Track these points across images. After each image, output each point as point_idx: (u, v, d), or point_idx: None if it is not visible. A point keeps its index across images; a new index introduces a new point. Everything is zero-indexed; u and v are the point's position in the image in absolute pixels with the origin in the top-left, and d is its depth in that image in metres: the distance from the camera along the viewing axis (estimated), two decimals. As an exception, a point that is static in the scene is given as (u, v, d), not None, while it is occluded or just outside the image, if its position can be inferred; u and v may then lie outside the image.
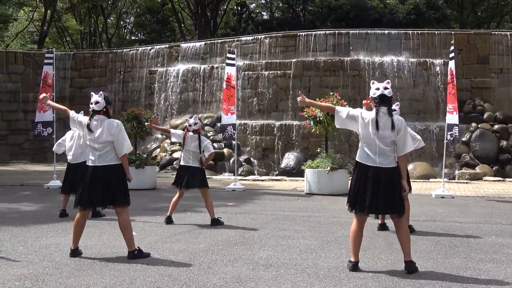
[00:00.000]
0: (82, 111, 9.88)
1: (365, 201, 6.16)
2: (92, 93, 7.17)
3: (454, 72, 14.97)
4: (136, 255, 6.81)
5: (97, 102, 7.00)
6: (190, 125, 9.66)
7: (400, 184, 6.21)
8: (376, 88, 6.32)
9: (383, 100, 6.25)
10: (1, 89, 28.77)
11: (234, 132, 16.29)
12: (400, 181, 6.22)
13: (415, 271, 6.11)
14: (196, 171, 9.56)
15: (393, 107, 8.42)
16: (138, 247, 6.91)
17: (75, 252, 6.94)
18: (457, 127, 14.65)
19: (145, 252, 6.94)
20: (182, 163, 9.71)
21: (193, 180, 9.55)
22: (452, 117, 14.67)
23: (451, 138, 14.76)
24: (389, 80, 6.55)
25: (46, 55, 17.86)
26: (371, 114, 6.25)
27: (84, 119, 7.15)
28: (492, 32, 24.84)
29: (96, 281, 5.75)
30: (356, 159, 6.35)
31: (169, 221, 9.58)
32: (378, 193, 6.11)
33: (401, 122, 6.23)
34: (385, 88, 6.29)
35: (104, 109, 7.01)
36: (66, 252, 7.14)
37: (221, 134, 17.02)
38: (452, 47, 15.58)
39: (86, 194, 6.87)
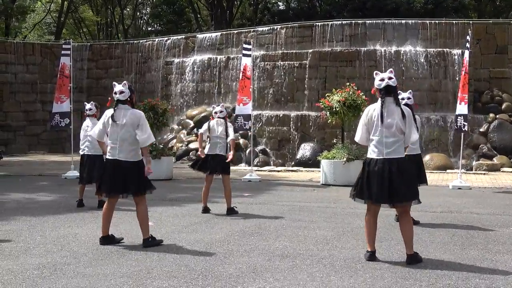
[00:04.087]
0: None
1: (371, 190, 6.16)
2: (114, 83, 7.15)
3: (466, 64, 14.80)
4: (150, 242, 6.91)
5: (121, 92, 6.97)
6: (216, 113, 9.80)
7: (410, 172, 6.32)
8: (381, 79, 6.27)
9: (388, 91, 6.23)
10: (19, 80, 28.97)
11: (245, 123, 16.24)
12: (411, 169, 6.37)
13: (417, 262, 6.12)
14: (221, 159, 9.63)
15: (407, 95, 8.44)
16: (151, 234, 7.00)
17: (105, 240, 7.06)
18: (461, 117, 14.48)
19: (157, 239, 7.06)
20: (208, 151, 9.74)
21: (216, 166, 9.63)
22: (461, 108, 14.57)
23: (456, 128, 14.63)
24: (392, 69, 6.47)
25: (64, 46, 17.93)
26: (377, 105, 6.24)
27: (105, 115, 7.09)
28: (511, 22, 24.53)
29: (113, 270, 5.80)
30: (367, 155, 6.36)
31: (205, 210, 9.73)
32: (384, 184, 6.09)
33: (408, 113, 6.22)
34: (390, 78, 6.25)
35: (129, 99, 7.03)
36: (84, 241, 7.21)
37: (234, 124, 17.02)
38: (468, 37, 15.42)
39: (107, 183, 6.95)
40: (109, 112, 7.03)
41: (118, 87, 7.00)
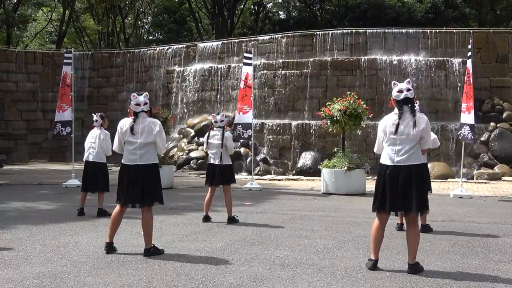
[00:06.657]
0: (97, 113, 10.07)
1: (385, 199, 6.18)
2: (134, 94, 6.99)
3: (470, 72, 14.78)
4: (152, 252, 6.88)
5: (145, 103, 6.96)
6: (216, 122, 9.70)
7: (421, 182, 6.19)
8: (399, 91, 6.30)
9: (406, 102, 6.27)
10: (20, 89, 29.03)
11: (244, 131, 16.15)
12: (421, 179, 6.20)
13: (419, 272, 6.11)
14: (221, 169, 9.61)
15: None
16: (153, 244, 6.98)
17: (109, 247, 7.04)
18: (467, 126, 14.43)
19: (159, 249, 7.01)
20: (208, 161, 9.85)
21: (217, 177, 9.62)
22: (466, 117, 14.52)
23: (464, 136, 14.53)
24: (409, 80, 6.52)
25: (65, 55, 17.96)
26: (394, 117, 6.25)
27: (120, 128, 7.05)
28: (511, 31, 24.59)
29: (113, 279, 5.78)
30: (380, 160, 6.38)
31: (206, 219, 9.70)
32: (396, 191, 6.10)
33: (423, 120, 6.24)
34: (408, 90, 6.30)
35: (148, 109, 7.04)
36: (84, 250, 7.19)
37: (233, 133, 16.96)
38: (470, 46, 15.43)
39: (124, 193, 6.96)
40: (123, 124, 7.02)
41: (141, 99, 6.92)
